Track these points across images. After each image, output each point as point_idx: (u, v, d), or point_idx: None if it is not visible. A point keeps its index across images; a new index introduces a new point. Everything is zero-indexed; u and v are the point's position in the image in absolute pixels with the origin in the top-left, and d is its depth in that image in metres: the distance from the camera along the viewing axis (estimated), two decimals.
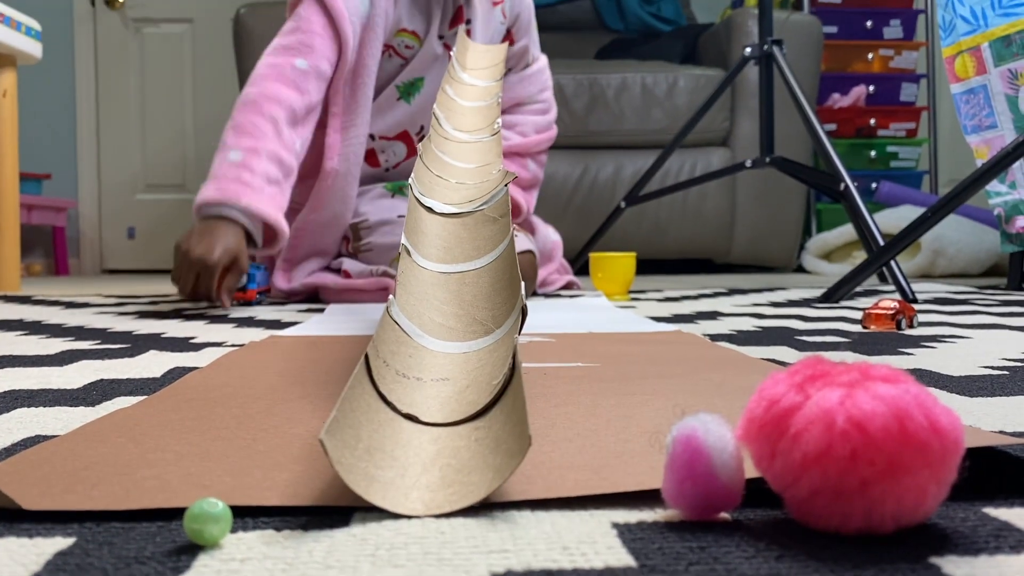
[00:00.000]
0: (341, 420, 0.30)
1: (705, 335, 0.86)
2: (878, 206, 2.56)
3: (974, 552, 0.25)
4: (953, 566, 0.24)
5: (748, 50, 1.80)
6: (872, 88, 2.79)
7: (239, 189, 1.16)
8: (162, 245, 3.30)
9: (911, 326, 0.92)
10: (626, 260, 1.48)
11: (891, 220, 2.23)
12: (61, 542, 0.27)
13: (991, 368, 0.62)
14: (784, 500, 0.27)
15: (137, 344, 0.81)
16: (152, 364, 0.67)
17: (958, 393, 0.52)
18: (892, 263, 1.34)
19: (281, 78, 1.27)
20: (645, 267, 2.58)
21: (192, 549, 0.26)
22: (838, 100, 2.78)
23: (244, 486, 0.31)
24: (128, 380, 0.59)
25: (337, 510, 0.29)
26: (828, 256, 2.56)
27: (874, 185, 2.64)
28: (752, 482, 0.29)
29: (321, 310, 1.22)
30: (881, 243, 1.37)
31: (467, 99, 0.90)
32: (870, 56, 2.83)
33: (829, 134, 2.58)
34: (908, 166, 2.80)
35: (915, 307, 1.14)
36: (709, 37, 2.75)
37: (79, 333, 0.92)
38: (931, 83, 2.91)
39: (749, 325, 0.97)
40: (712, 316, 1.09)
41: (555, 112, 1.64)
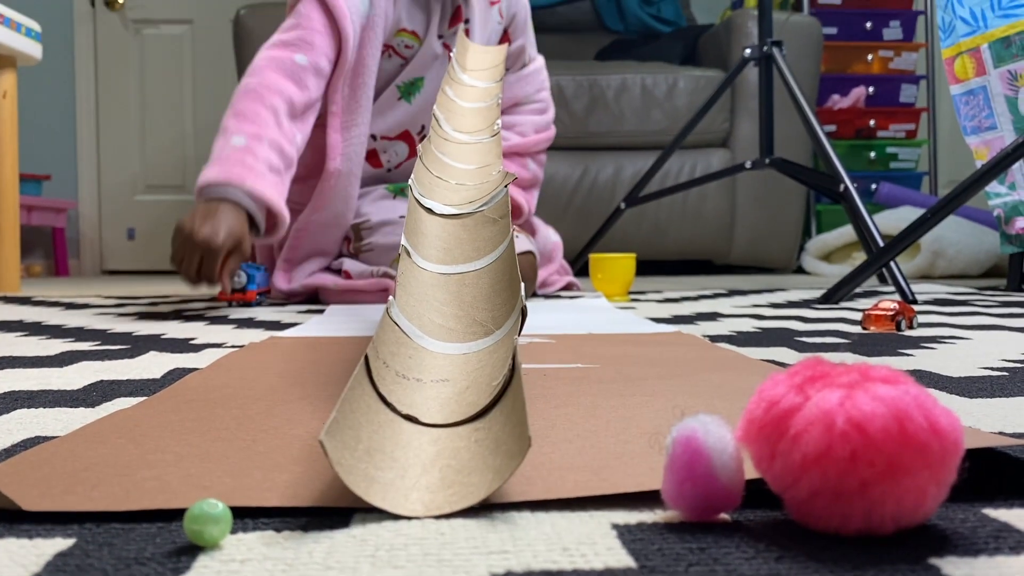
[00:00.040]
0: (341, 421, 0.30)
1: (705, 336, 0.86)
2: (878, 207, 2.56)
3: (974, 553, 0.25)
4: (953, 567, 0.24)
5: (748, 51, 1.80)
6: (872, 89, 2.79)
7: (243, 172, 1.15)
8: (162, 246, 3.30)
9: (911, 327, 0.92)
10: (626, 261, 1.48)
11: (891, 221, 2.23)
12: (61, 543, 0.27)
13: (991, 369, 0.62)
14: (784, 501, 0.27)
15: (137, 345, 0.81)
16: (152, 365, 0.67)
17: (958, 394, 0.52)
18: (892, 264, 1.34)
19: (281, 70, 1.26)
20: (645, 268, 2.58)
21: (192, 550, 0.26)
22: (838, 101, 2.78)
23: (244, 487, 0.31)
24: (128, 381, 0.59)
25: (337, 511, 0.29)
26: (828, 257, 2.56)
27: (874, 186, 2.64)
28: (752, 483, 0.29)
29: (321, 311, 1.22)
30: (881, 244, 1.37)
31: (467, 100, 0.90)
32: (870, 57, 2.83)
33: (829, 135, 2.58)
34: (908, 167, 2.80)
35: (915, 308, 1.14)
36: (709, 38, 2.75)
37: (79, 334, 0.92)
38: (931, 84, 2.91)
39: (749, 326, 0.97)
40: (712, 317, 1.09)
41: (553, 112, 1.64)
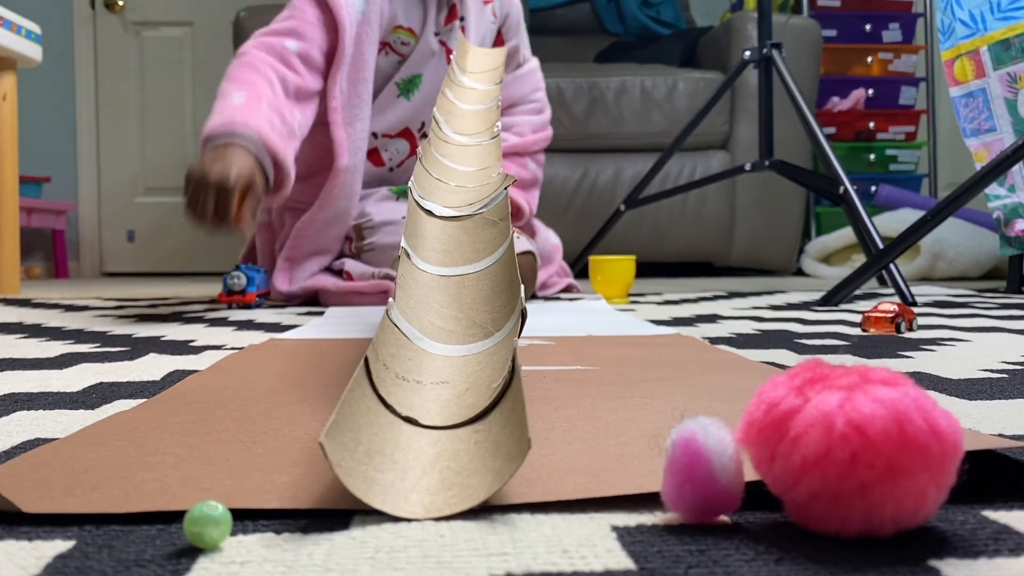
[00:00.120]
0: (341, 423, 0.30)
1: (704, 338, 0.86)
2: (877, 209, 2.56)
3: (973, 555, 0.25)
4: (952, 569, 0.24)
5: (747, 53, 1.80)
6: (871, 91, 2.79)
7: (247, 119, 1.14)
8: (162, 248, 3.30)
9: (910, 329, 0.92)
10: (626, 263, 1.48)
11: (890, 223, 2.23)
12: (61, 545, 0.27)
13: (990, 371, 0.62)
14: (784, 503, 0.27)
15: (137, 347, 0.81)
16: (152, 367, 0.67)
17: (957, 396, 0.52)
18: (891, 266, 1.34)
19: (271, 52, 1.27)
20: (644, 270, 2.58)
21: (192, 552, 0.26)
22: (837, 103, 2.79)
23: (244, 489, 0.31)
24: (128, 383, 0.59)
25: (337, 513, 0.29)
26: (827, 259, 2.56)
27: (873, 188, 2.64)
28: (751, 485, 0.29)
29: (321, 313, 1.22)
30: (880, 246, 1.37)
31: (467, 102, 0.90)
32: (869, 59, 2.83)
33: (828, 137, 2.58)
34: (907, 169, 2.80)
35: (914, 310, 1.14)
36: (708, 40, 2.75)
37: (79, 336, 0.92)
38: (930, 86, 2.91)
39: (748, 328, 0.97)
40: (711, 319, 1.09)
41: (549, 112, 1.64)
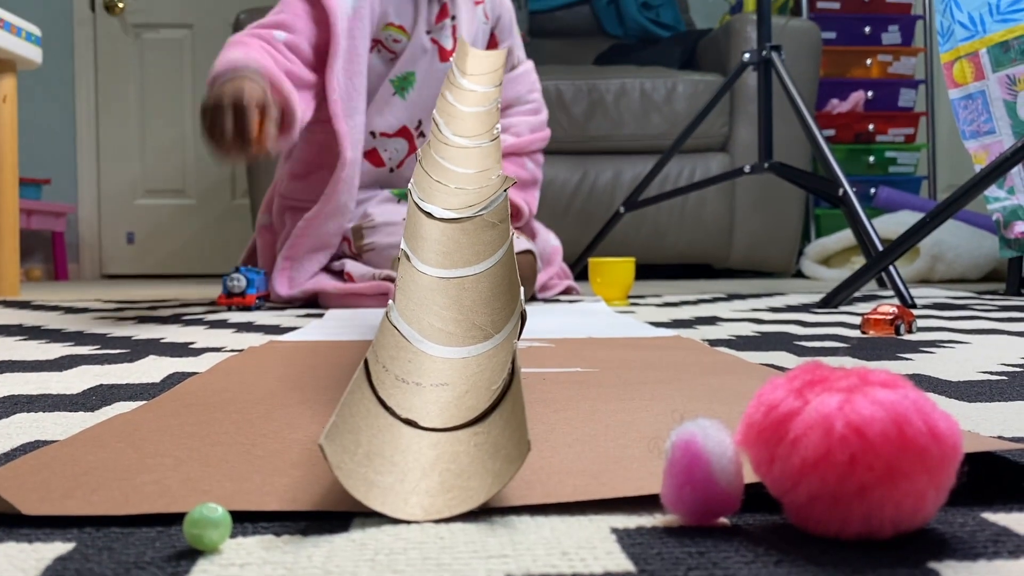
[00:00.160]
0: (340, 425, 0.30)
1: (704, 340, 0.86)
2: (877, 211, 2.56)
3: (973, 557, 0.25)
4: (952, 571, 0.24)
5: (747, 56, 1.80)
6: (871, 94, 2.79)
7: (249, 61, 1.15)
8: (161, 250, 3.30)
9: (910, 331, 0.92)
10: (625, 265, 1.48)
11: (890, 225, 2.23)
12: (61, 547, 0.27)
13: (989, 373, 0.62)
14: (783, 505, 0.27)
15: (136, 349, 0.81)
16: (151, 369, 0.67)
17: (956, 398, 0.52)
18: (891, 268, 1.34)
19: (259, 39, 1.28)
20: (644, 272, 2.58)
21: (192, 554, 0.26)
22: (837, 105, 2.79)
23: (243, 491, 0.31)
24: (127, 385, 0.59)
25: (336, 515, 0.30)
26: (827, 261, 2.56)
27: (873, 190, 2.64)
28: (751, 487, 0.29)
29: (320, 315, 1.22)
30: (880, 248, 1.37)
31: (467, 104, 0.90)
32: (868, 62, 2.83)
33: (828, 139, 2.58)
34: (907, 171, 2.80)
35: (914, 312, 1.14)
36: (708, 43, 2.75)
37: (78, 338, 0.92)
38: (929, 89, 2.91)
39: (748, 330, 0.97)
40: (711, 321, 1.09)
41: (546, 113, 1.65)
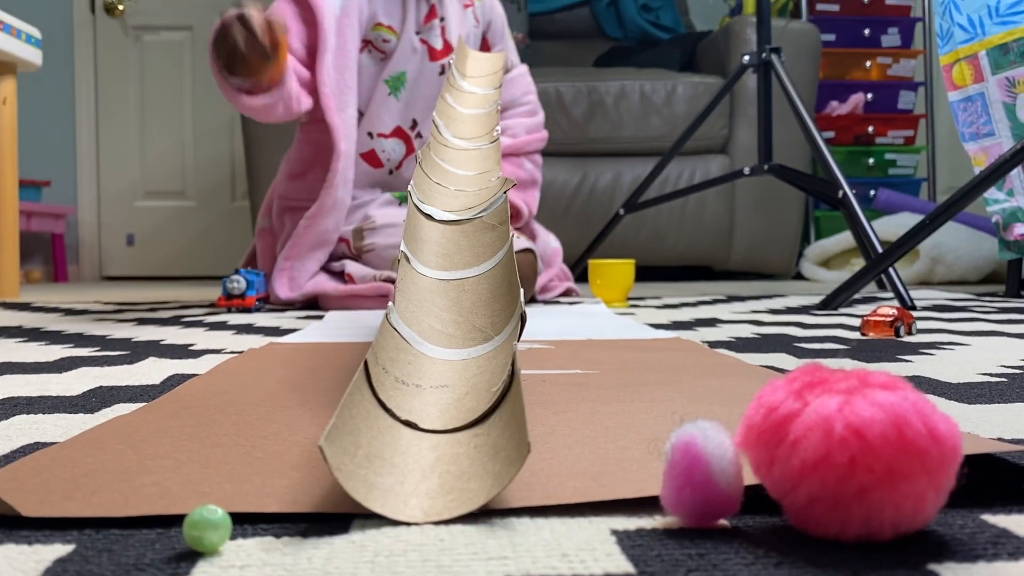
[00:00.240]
0: (340, 427, 0.30)
1: (704, 342, 0.86)
2: (876, 213, 2.56)
3: (972, 559, 0.25)
4: (952, 572, 0.24)
5: (746, 58, 1.81)
6: (870, 96, 2.79)
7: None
8: (161, 252, 3.30)
9: (909, 333, 0.92)
10: (625, 267, 1.48)
11: (889, 227, 2.23)
12: (60, 549, 0.27)
13: (989, 375, 0.62)
14: (783, 507, 0.27)
15: (136, 351, 0.81)
16: (151, 371, 0.67)
17: (956, 400, 0.52)
18: (890, 270, 1.34)
19: None
20: (644, 274, 2.58)
21: (191, 556, 0.26)
22: (836, 108, 2.79)
23: (243, 493, 0.31)
24: (127, 387, 0.59)
25: (336, 517, 0.29)
26: (827, 263, 2.56)
27: (872, 192, 2.64)
28: (751, 489, 0.29)
29: (320, 317, 1.22)
30: (879, 250, 1.37)
31: (466, 106, 0.91)
32: (868, 64, 2.83)
33: (827, 141, 2.58)
34: (906, 173, 2.80)
35: (913, 314, 1.14)
36: (708, 45, 2.76)
37: (78, 340, 0.92)
38: (929, 91, 2.91)
39: (748, 332, 0.97)
40: (711, 323, 1.09)
41: (543, 115, 1.65)
